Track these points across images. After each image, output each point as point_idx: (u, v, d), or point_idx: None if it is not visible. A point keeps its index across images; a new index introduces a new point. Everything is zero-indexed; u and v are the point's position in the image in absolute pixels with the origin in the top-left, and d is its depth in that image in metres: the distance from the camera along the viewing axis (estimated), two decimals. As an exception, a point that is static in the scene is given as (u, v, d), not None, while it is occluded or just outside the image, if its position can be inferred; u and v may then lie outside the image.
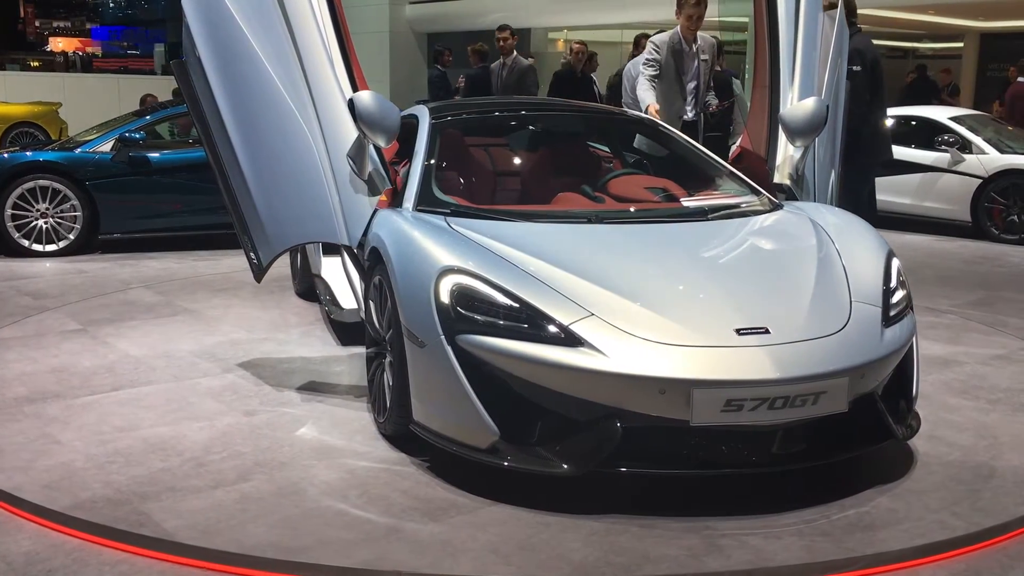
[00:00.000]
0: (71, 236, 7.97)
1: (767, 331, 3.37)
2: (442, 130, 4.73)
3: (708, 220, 4.22)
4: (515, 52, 9.48)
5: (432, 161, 4.47)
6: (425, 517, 3.26)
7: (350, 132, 4.25)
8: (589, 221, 4.13)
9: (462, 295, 3.46)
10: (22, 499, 3.37)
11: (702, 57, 6.79)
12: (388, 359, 3.88)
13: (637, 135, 5.69)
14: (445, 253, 3.62)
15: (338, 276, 5.36)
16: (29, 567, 2.99)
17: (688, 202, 4.44)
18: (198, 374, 4.77)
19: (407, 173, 4.42)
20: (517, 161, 5.02)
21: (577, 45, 10.56)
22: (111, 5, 64.23)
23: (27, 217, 7.86)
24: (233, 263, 6.11)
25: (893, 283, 3.81)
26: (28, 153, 8.24)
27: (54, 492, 3.40)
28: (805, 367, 3.28)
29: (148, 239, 8.31)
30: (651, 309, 3.41)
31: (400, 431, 3.79)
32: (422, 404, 3.58)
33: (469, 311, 3.43)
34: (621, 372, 3.21)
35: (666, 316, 3.39)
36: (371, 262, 4.12)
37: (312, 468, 3.65)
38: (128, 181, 8.05)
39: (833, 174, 5.05)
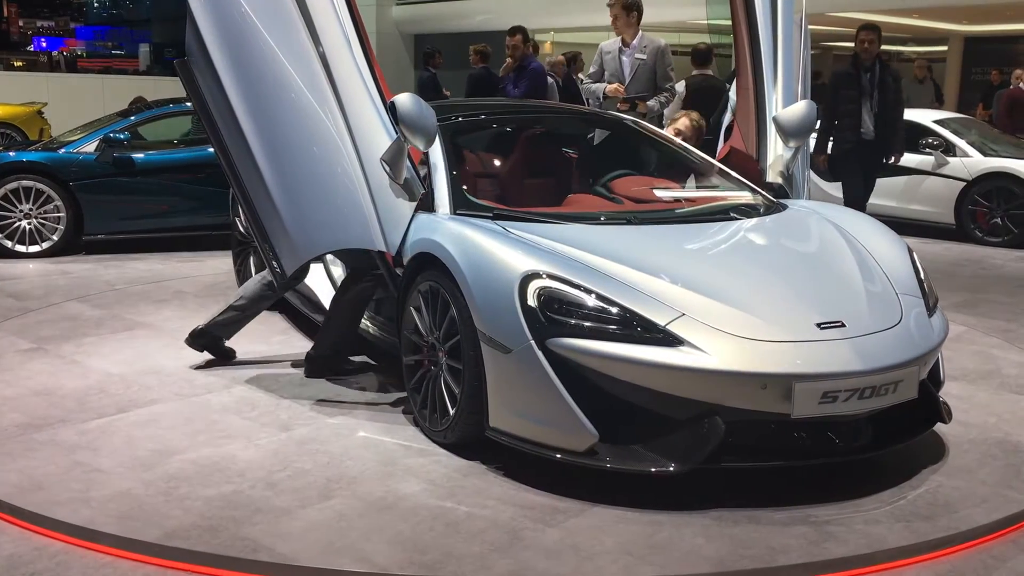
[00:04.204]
0: (55, 237, 7.81)
1: (843, 324, 3.53)
2: (450, 133, 4.66)
3: (738, 219, 4.35)
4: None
5: (453, 164, 4.41)
6: (538, 523, 3.25)
7: (381, 135, 4.14)
8: (629, 222, 4.19)
9: (550, 299, 3.45)
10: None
11: (637, 56, 6.94)
12: (444, 365, 3.82)
13: (596, 131, 5.79)
14: (523, 257, 3.60)
15: (322, 283, 5.20)
16: (12, 570, 2.91)
17: (704, 195, 4.58)
18: (201, 391, 4.53)
19: (429, 177, 4.35)
20: (522, 162, 5.00)
21: (559, 58, 10.64)
22: (95, 5, 61.41)
23: (10, 218, 7.71)
24: (217, 264, 5.93)
25: (922, 275, 4.05)
26: (11, 153, 8.00)
27: (135, 523, 3.18)
28: (886, 357, 3.46)
29: (132, 240, 8.13)
30: (735, 307, 3.51)
31: (467, 439, 3.75)
32: (504, 410, 3.55)
33: (559, 315, 3.43)
34: (725, 369, 3.29)
35: (752, 313, 3.49)
36: (413, 268, 4.03)
37: (390, 480, 3.56)
38: (112, 182, 7.89)
39: (807, 171, 5.31)
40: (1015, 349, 5.52)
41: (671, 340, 3.35)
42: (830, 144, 7.76)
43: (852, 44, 7.68)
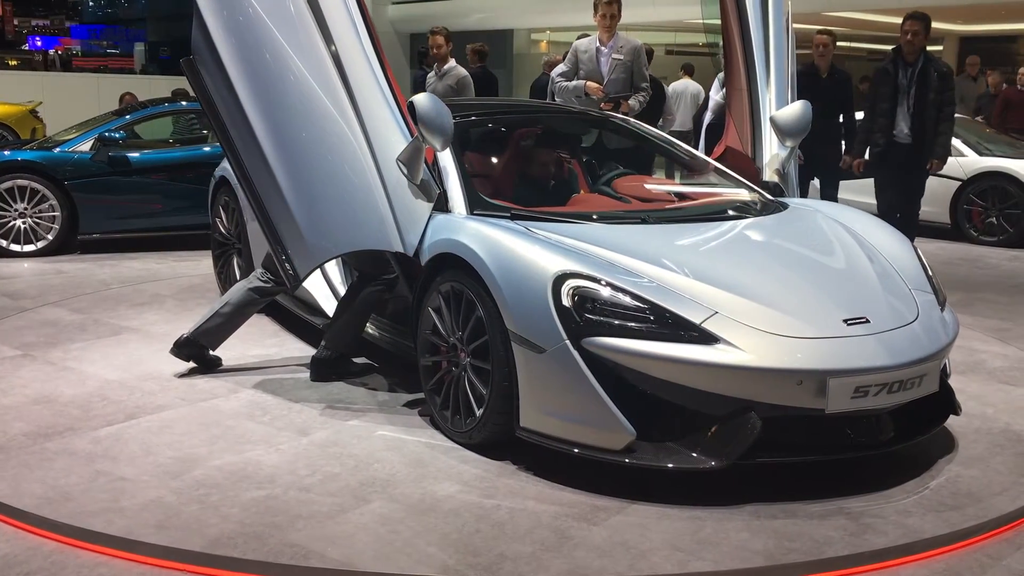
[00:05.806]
0: (50, 236, 7.82)
1: (868, 320, 3.60)
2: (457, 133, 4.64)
3: (747, 217, 4.41)
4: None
5: (464, 164, 4.40)
6: (581, 521, 3.26)
7: (396, 135, 4.11)
8: (644, 221, 4.22)
9: (583, 299, 3.47)
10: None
11: (615, 56, 6.99)
12: (468, 366, 3.81)
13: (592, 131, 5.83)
14: (554, 257, 3.60)
15: (319, 286, 5.14)
16: (7, 570, 2.90)
17: (708, 192, 4.64)
18: (206, 395, 4.45)
19: (441, 177, 4.32)
20: (524, 162, 4.99)
21: (555, 58, 10.62)
22: (91, 4, 60.78)
23: (5, 217, 7.72)
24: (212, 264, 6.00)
25: (929, 272, 4.16)
26: (6, 152, 7.92)
27: (177, 532, 3.12)
28: (912, 352, 3.54)
29: (127, 239, 8.09)
30: (764, 304, 3.56)
31: (494, 439, 3.75)
32: (537, 410, 3.55)
33: (594, 314, 3.44)
34: (762, 366, 3.34)
35: (781, 311, 3.54)
36: (432, 269, 4.01)
37: (424, 482, 3.54)
38: (107, 181, 7.87)
39: (797, 170, 5.42)
40: (996, 342, 5.68)
41: (707, 338, 3.38)
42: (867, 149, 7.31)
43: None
